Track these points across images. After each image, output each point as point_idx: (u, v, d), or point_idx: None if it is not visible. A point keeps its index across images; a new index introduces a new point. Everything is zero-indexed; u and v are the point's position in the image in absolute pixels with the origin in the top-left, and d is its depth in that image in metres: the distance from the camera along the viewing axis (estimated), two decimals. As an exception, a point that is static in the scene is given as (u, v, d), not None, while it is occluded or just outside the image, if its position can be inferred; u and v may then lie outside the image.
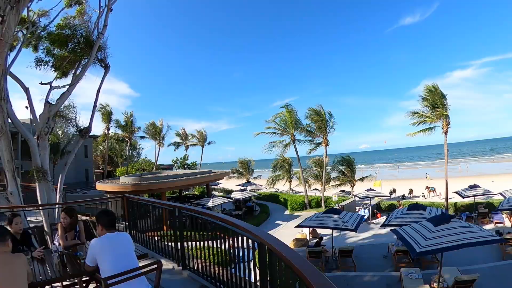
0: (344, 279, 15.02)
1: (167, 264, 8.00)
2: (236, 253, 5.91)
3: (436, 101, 35.04)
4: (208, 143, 73.48)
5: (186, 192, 55.02)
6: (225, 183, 63.87)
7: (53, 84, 16.83)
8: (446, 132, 35.03)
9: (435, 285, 12.95)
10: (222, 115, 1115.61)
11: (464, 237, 10.81)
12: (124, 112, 62.60)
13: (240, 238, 5.40)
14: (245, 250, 5.36)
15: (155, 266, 4.66)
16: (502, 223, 26.58)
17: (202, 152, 72.93)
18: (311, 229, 26.21)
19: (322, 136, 43.21)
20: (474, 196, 29.83)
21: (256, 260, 5.16)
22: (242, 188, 44.57)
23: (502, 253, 18.33)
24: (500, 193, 30.04)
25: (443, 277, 13.24)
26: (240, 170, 64.96)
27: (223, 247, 6.16)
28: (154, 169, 61.12)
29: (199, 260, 7.21)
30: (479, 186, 31.02)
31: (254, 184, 53.97)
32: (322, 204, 40.87)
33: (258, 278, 4.91)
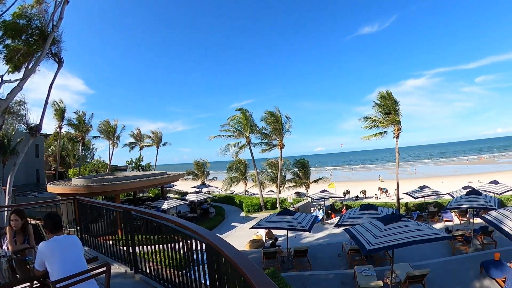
0: (300, 278, 15.10)
1: (119, 268, 7.84)
2: (191, 257, 5.84)
3: (389, 107, 36.03)
4: (163, 144, 72.15)
5: (141, 195, 53.56)
6: (180, 185, 62.87)
7: (4, 78, 16.08)
8: (397, 137, 36.17)
9: (388, 280, 13.27)
10: (178, 115, 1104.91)
11: (413, 235, 11.11)
12: (77, 109, 59.44)
13: (194, 241, 5.34)
14: (199, 253, 5.30)
15: (104, 268, 4.57)
16: (451, 221, 27.90)
17: (157, 153, 71.53)
18: (266, 230, 26.26)
19: (277, 139, 43.22)
20: (424, 196, 31.03)
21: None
22: (197, 190, 44.17)
23: (451, 249, 19.20)
24: (448, 193, 32.10)
25: (396, 273, 13.60)
26: (196, 172, 64.14)
27: (177, 250, 6.07)
28: (107, 171, 59.13)
29: (153, 264, 7.10)
30: (428, 187, 32.34)
31: (210, 186, 53.52)
32: (278, 205, 40.89)
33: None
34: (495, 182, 29.71)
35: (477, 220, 23.10)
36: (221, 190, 56.47)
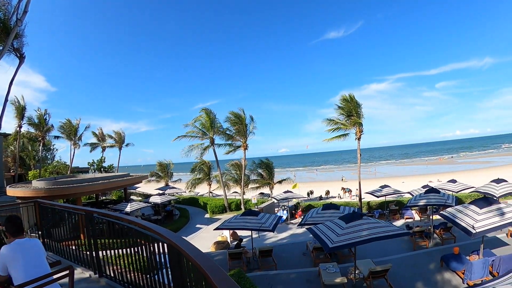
0: (266, 278, 15.06)
1: (83, 273, 7.71)
2: (155, 259, 5.72)
3: (351, 110, 36.62)
4: (126, 145, 69.81)
5: (103, 198, 52.49)
6: (143, 187, 61.95)
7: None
8: (359, 138, 36.75)
9: (351, 276, 13.44)
10: (142, 115, 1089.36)
11: (373, 232, 11.34)
12: (38, 107, 56.44)
13: (158, 244, 5.25)
14: (165, 256, 5.20)
15: (67, 271, 4.48)
16: (412, 218, 28.91)
17: (119, 154, 69.23)
18: (231, 231, 26.22)
19: (241, 140, 43.07)
20: (385, 195, 31.69)
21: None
22: (161, 192, 43.40)
23: (412, 245, 19.76)
24: (409, 192, 32.87)
25: (359, 269, 13.77)
26: (159, 174, 63.14)
27: (142, 254, 5.94)
28: (69, 172, 57.07)
29: (117, 267, 6.96)
30: (389, 186, 33.19)
31: (174, 187, 52.38)
32: (242, 206, 40.90)
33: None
34: (453, 181, 30.85)
35: (437, 217, 23.90)
36: (185, 192, 55.87)
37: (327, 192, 51.57)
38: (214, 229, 20.14)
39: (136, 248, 6.10)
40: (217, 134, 43.63)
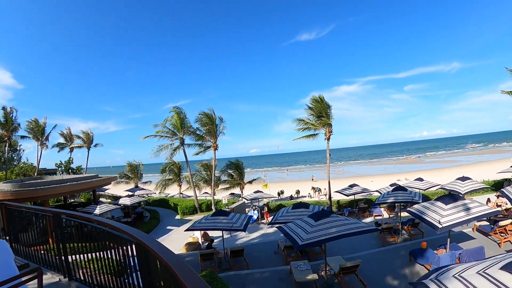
0: (238, 278, 15.05)
1: (53, 277, 7.53)
2: (128, 262, 5.64)
3: (321, 111, 37.09)
4: (94, 146, 67.28)
5: (72, 200, 51.09)
6: (113, 189, 60.86)
7: None
8: (328, 139, 37.39)
9: (323, 273, 13.56)
10: (110, 115, 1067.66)
11: (342, 229, 11.48)
12: (4, 105, 53.36)
13: (129, 246, 5.19)
14: (136, 258, 5.14)
15: (35, 273, 4.39)
16: (381, 215, 29.41)
17: (88, 155, 66.42)
18: (202, 232, 26.09)
19: (211, 140, 42.80)
20: (354, 194, 32.06)
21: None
22: (131, 193, 42.71)
23: (382, 241, 20.19)
24: (377, 191, 34.07)
25: (330, 266, 13.93)
26: (129, 175, 61.61)
27: (112, 257, 5.85)
28: (36, 174, 54.98)
29: (87, 271, 6.86)
30: (358, 185, 33.59)
31: (143, 189, 51.48)
32: (213, 207, 40.76)
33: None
34: (420, 179, 31.70)
35: (405, 214, 24.37)
36: (155, 193, 55.15)
37: (297, 192, 52.04)
38: (185, 230, 19.96)
39: (106, 251, 6.01)
40: (187, 134, 43.26)
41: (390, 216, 29.38)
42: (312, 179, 79.53)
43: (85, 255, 7.00)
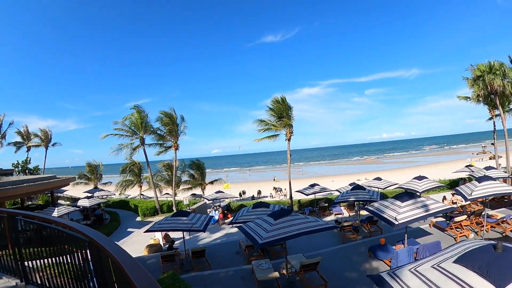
0: (201, 278, 14.98)
1: (9, 281, 7.34)
2: (88, 266, 5.51)
3: (282, 112, 37.36)
4: (53, 145, 63.30)
5: (29, 202, 48.85)
6: (71, 190, 58.78)
7: None
8: (289, 139, 37.74)
9: (284, 271, 13.68)
10: (71, 113, 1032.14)
11: (301, 227, 11.63)
12: None
13: (90, 250, 5.08)
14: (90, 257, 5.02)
15: None
16: (341, 214, 29.98)
17: (45, 155, 61.96)
18: (163, 234, 25.77)
19: (172, 140, 42.26)
20: (314, 193, 32.70)
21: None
22: (90, 195, 41.68)
23: (342, 238, 20.75)
24: (337, 190, 34.84)
25: (291, 264, 14.03)
26: (88, 175, 59.66)
27: (71, 260, 5.70)
28: None
29: (45, 274, 6.67)
30: (318, 185, 34.22)
31: (103, 190, 50.46)
32: (174, 208, 40.16)
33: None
34: (378, 179, 32.64)
35: (365, 212, 24.92)
36: (115, 194, 54.11)
37: (259, 192, 52.42)
38: (144, 232, 19.71)
39: (65, 255, 5.87)
40: (148, 134, 42.47)
41: (350, 214, 30.06)
42: (274, 179, 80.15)
43: (43, 260, 6.82)
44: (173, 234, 25.80)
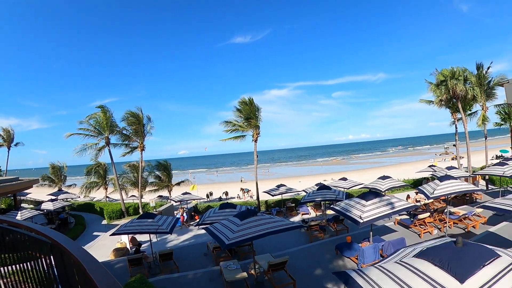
0: (169, 282, 14.88)
1: None
2: (53, 273, 5.40)
3: (249, 113, 37.44)
4: (15, 145, 60.38)
5: None
6: (35, 193, 56.87)
7: None
8: (256, 141, 37.98)
9: (252, 271, 13.77)
10: (34, 111, 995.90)
11: (267, 227, 11.77)
12: None
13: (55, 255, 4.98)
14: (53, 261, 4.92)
15: None
16: (308, 213, 30.65)
17: (8, 156, 59.71)
18: (130, 237, 25.40)
19: (138, 141, 41.59)
20: (281, 193, 32.96)
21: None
22: (54, 197, 40.68)
23: (309, 237, 21.12)
24: (303, 190, 34.92)
25: (259, 264, 14.11)
26: (52, 177, 57.68)
27: (35, 266, 5.57)
28: None
29: (8, 281, 6.51)
30: (285, 185, 34.60)
31: (67, 192, 49.21)
32: (140, 210, 39.58)
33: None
34: (344, 179, 33.25)
35: (331, 212, 25.32)
36: (80, 197, 52.84)
37: (226, 193, 52.44)
38: (110, 235, 19.44)
39: (29, 262, 5.74)
40: (114, 134, 41.27)
41: (317, 214, 30.59)
42: (241, 181, 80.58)
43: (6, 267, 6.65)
44: (140, 237, 25.45)
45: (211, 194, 52.61)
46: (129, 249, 24.28)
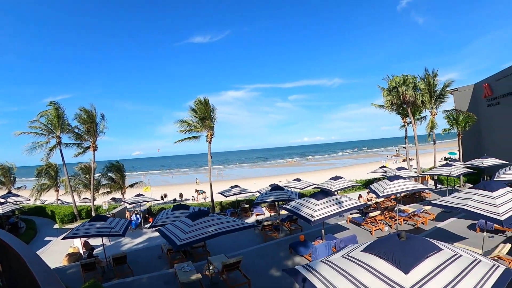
0: (123, 286, 14.70)
1: None
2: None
3: (205, 113, 37.49)
4: None
5: None
6: (-18, 196, 54.85)
7: None
8: (210, 142, 38.18)
9: (207, 272, 13.82)
10: None
11: (219, 227, 11.91)
12: None
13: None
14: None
15: None
16: (263, 214, 31.29)
17: None
18: (82, 241, 24.80)
19: (91, 140, 39.82)
20: (235, 194, 33.25)
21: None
22: (2, 200, 39.04)
23: (263, 237, 21.44)
24: (257, 191, 35.47)
25: (213, 264, 14.19)
26: (1, 179, 55.17)
27: None
28: None
29: None
30: (239, 186, 34.98)
31: (17, 195, 46.83)
32: (93, 213, 38.36)
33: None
34: (298, 179, 33.87)
35: (285, 212, 25.73)
36: (30, 200, 50.67)
37: (181, 195, 52.35)
38: (62, 239, 18.95)
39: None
40: (65, 133, 39.09)
41: (272, 214, 31.14)
42: (196, 182, 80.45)
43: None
44: (93, 241, 24.90)
45: (165, 196, 52.20)
46: (82, 254, 23.72)
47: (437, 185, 39.41)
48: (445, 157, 72.03)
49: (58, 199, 52.25)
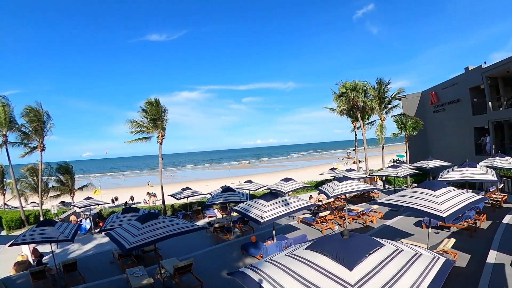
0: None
1: None
2: None
3: (156, 114, 37.37)
4: None
5: None
6: None
7: None
8: (161, 143, 38.24)
9: (158, 276, 13.84)
10: None
11: (168, 229, 11.99)
12: None
13: None
14: None
15: None
16: (215, 216, 31.29)
17: None
18: (31, 248, 24.04)
19: (38, 140, 38.00)
20: (186, 197, 32.94)
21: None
22: None
23: (215, 239, 21.57)
24: (209, 193, 35.40)
25: (165, 268, 14.19)
26: None
27: None
28: None
29: None
30: (190, 188, 34.55)
31: None
32: (41, 218, 37.03)
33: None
34: (249, 181, 34.23)
35: (237, 214, 26.07)
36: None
37: (132, 198, 51.65)
38: (8, 246, 18.37)
39: None
40: (12, 132, 36.61)
41: (224, 216, 31.32)
42: (148, 184, 79.55)
43: None
44: (42, 248, 24.21)
45: (116, 199, 51.10)
46: (31, 262, 23.00)
47: (386, 185, 41.15)
48: (393, 159, 74.83)
49: (5, 204, 50.09)
